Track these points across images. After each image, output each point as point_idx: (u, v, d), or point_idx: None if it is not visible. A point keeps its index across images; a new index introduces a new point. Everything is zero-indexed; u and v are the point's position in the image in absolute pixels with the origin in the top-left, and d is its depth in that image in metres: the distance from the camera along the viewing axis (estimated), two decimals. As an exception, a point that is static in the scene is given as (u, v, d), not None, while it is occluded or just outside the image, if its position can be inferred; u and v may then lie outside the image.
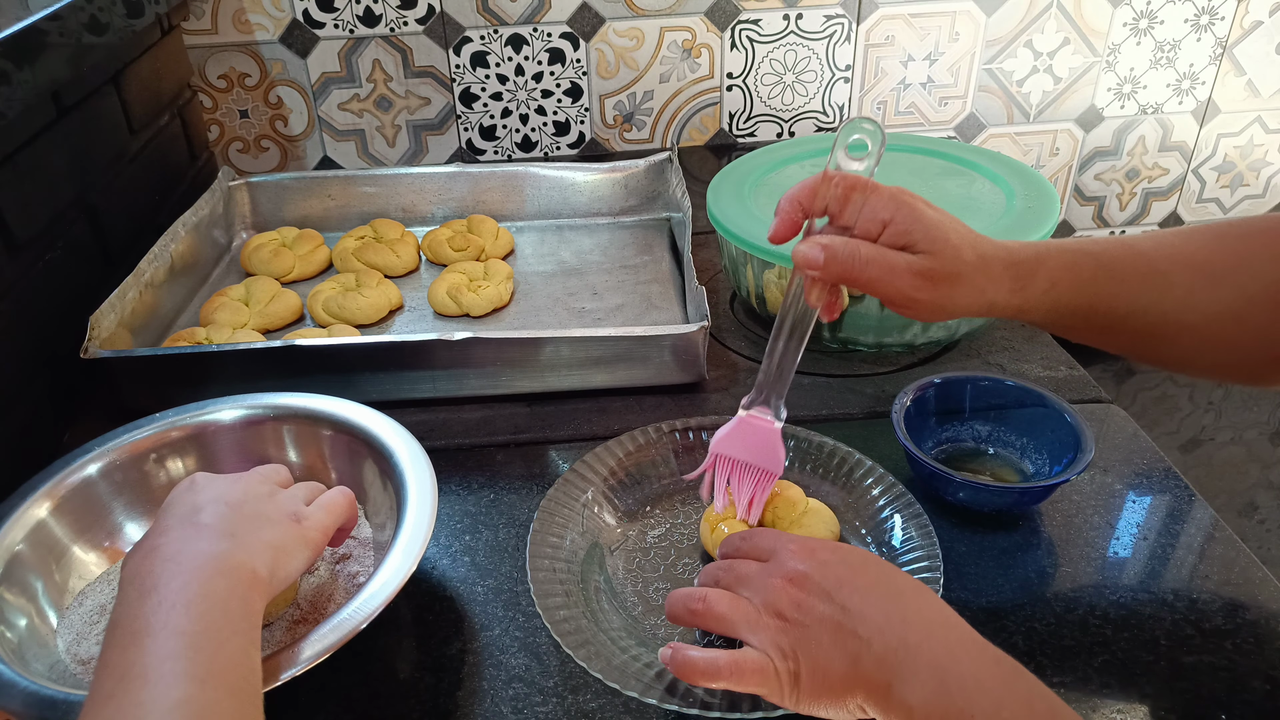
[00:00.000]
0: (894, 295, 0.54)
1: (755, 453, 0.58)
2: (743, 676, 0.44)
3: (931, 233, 0.54)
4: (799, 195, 0.55)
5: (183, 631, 0.40)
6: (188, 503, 0.49)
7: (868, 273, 0.53)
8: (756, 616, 0.46)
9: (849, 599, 0.45)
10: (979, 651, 0.43)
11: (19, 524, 0.57)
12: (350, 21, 1.13)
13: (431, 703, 0.53)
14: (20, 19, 0.71)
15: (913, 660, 0.42)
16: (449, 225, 1.01)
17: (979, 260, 0.55)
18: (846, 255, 0.53)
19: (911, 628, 0.43)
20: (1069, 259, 0.56)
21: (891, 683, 0.42)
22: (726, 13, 1.17)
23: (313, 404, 0.65)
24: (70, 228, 0.82)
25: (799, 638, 0.44)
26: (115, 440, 0.63)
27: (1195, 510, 0.64)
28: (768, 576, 0.47)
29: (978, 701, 0.41)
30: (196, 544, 0.46)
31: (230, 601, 0.43)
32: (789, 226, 0.55)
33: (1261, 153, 1.33)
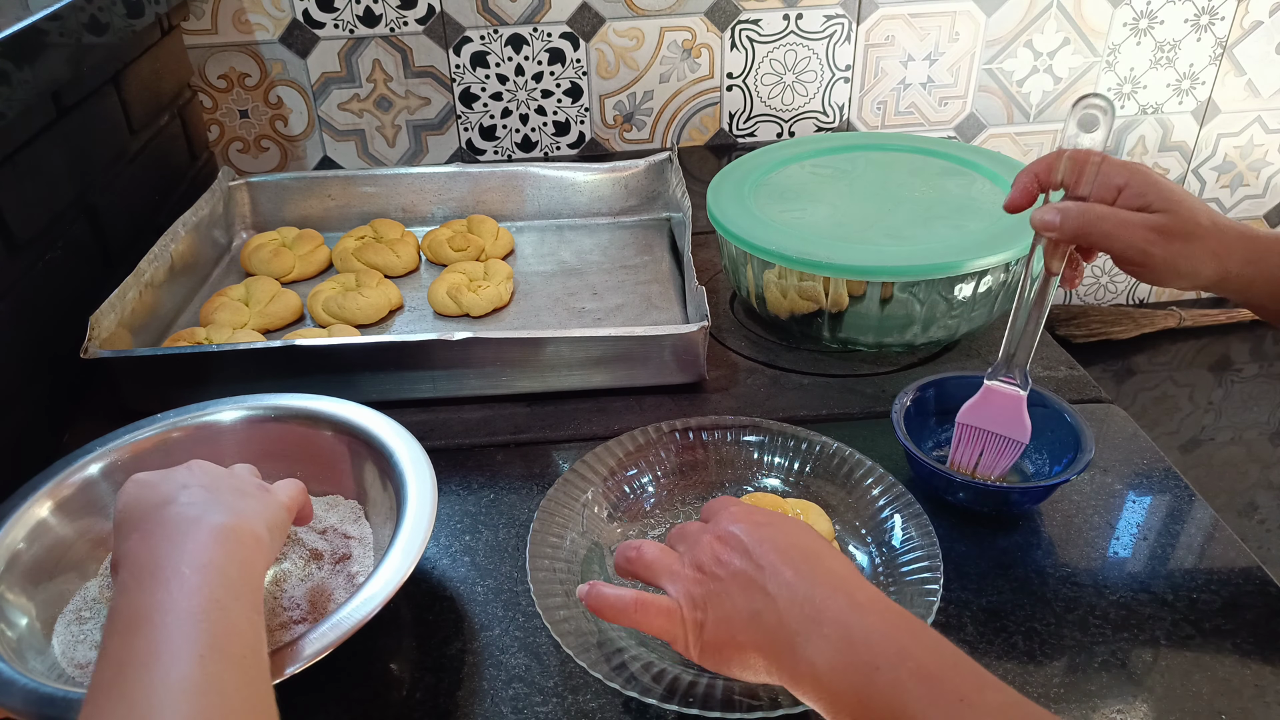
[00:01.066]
0: (1127, 249, 0.56)
1: (1001, 422, 0.61)
2: (648, 615, 0.46)
3: (1167, 194, 0.56)
4: (1036, 168, 0.58)
5: (183, 609, 0.40)
6: (158, 494, 0.47)
7: (1102, 226, 0.56)
8: (679, 567, 0.47)
9: (765, 556, 0.45)
10: (885, 607, 0.43)
11: (20, 523, 0.57)
12: (350, 21, 1.13)
13: (431, 703, 0.53)
14: (20, 19, 0.71)
15: (818, 615, 0.42)
16: (449, 225, 1.01)
17: (1214, 226, 0.57)
18: (1080, 212, 0.56)
19: (820, 585, 0.43)
20: None
21: (794, 640, 0.42)
22: (726, 13, 1.17)
23: (313, 404, 0.65)
24: (70, 228, 0.82)
25: (712, 590, 0.45)
26: (117, 440, 0.63)
27: (1195, 510, 0.64)
28: (701, 533, 0.49)
29: (882, 652, 0.40)
30: (189, 517, 0.45)
31: (229, 568, 0.43)
32: (1026, 196, 0.59)
33: (1261, 153, 1.33)
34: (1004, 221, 0.78)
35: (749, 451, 0.68)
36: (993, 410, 0.62)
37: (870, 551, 0.60)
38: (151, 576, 0.41)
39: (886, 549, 0.59)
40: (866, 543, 0.61)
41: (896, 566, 0.57)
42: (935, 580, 0.55)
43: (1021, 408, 0.61)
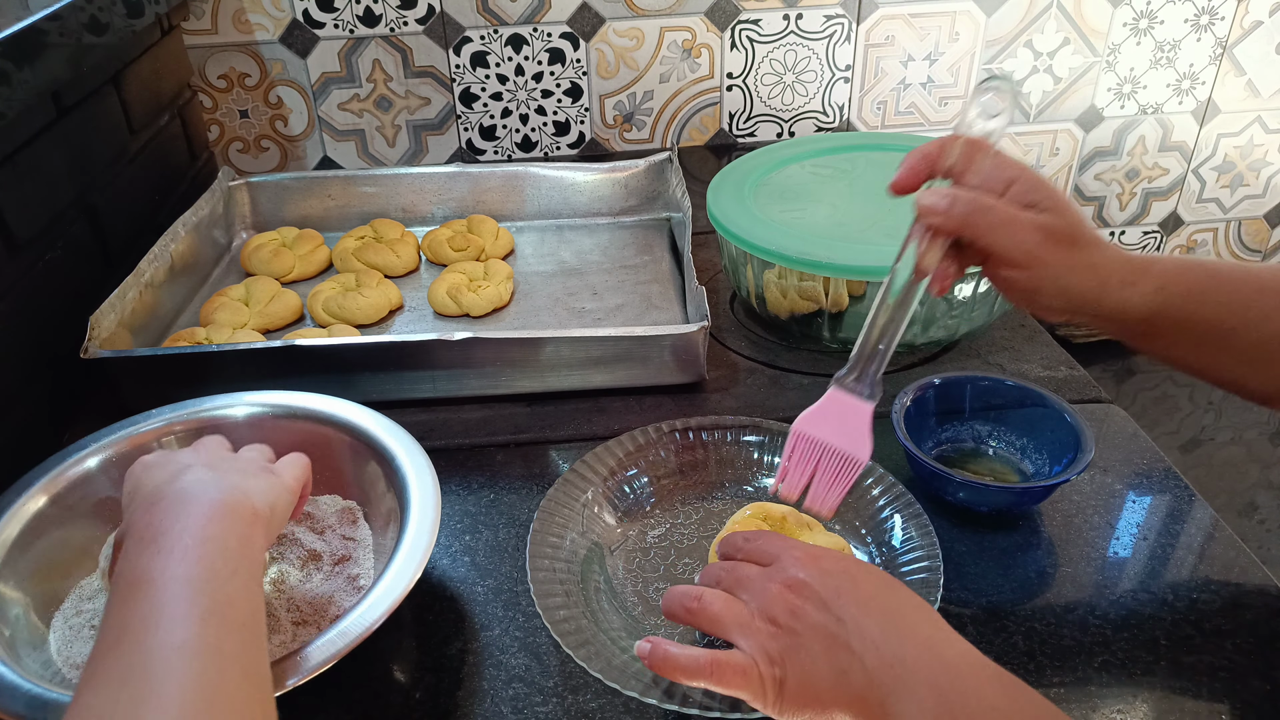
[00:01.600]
0: (1012, 249, 0.52)
1: (842, 435, 0.54)
2: (724, 677, 0.44)
3: (1056, 196, 0.53)
4: (928, 149, 0.54)
5: (182, 577, 0.40)
6: (164, 473, 0.48)
7: (991, 218, 0.52)
8: (749, 619, 0.45)
9: (845, 610, 0.43)
10: (980, 668, 0.42)
11: (16, 517, 0.57)
12: (350, 21, 1.13)
13: (432, 703, 0.53)
14: (20, 19, 0.71)
15: (910, 678, 0.41)
16: (449, 225, 1.01)
17: (1095, 237, 0.54)
18: (970, 199, 0.52)
19: (909, 643, 0.42)
20: (1181, 264, 0.55)
21: (886, 701, 0.41)
22: (726, 13, 1.17)
23: (316, 404, 0.65)
24: (70, 228, 0.82)
25: (789, 645, 0.43)
26: (114, 435, 0.63)
27: (1195, 510, 0.64)
28: (767, 581, 0.46)
29: (981, 717, 0.39)
30: (192, 493, 0.45)
31: (229, 540, 0.43)
32: (913, 176, 0.54)
33: (1261, 153, 1.33)
34: (1004, 221, 0.78)
35: (749, 451, 0.68)
36: (835, 421, 0.55)
37: (870, 551, 0.60)
38: (152, 544, 0.42)
39: (886, 549, 0.59)
40: (866, 543, 0.61)
41: (896, 566, 0.57)
42: (935, 580, 0.55)
43: (866, 421, 0.54)
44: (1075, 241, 0.53)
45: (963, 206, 0.52)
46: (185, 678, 0.37)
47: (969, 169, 0.53)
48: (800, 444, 0.55)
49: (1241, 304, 0.54)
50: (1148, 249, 1.40)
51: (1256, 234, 1.41)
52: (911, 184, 0.54)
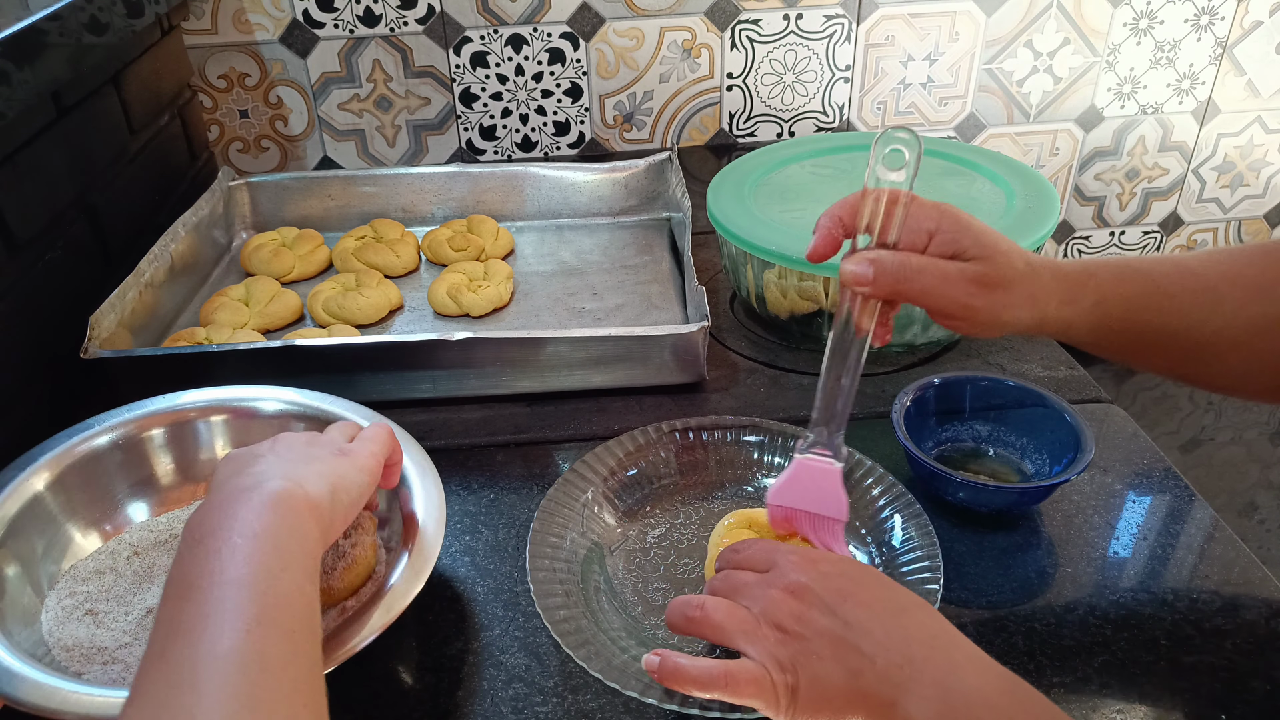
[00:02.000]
0: (948, 305, 0.52)
1: (815, 500, 0.55)
2: (737, 687, 0.43)
3: (981, 239, 0.52)
4: (839, 211, 0.53)
5: (232, 578, 0.39)
6: (234, 467, 0.48)
7: (921, 282, 0.51)
8: (755, 627, 0.45)
9: (851, 613, 0.44)
10: (984, 666, 0.42)
11: (14, 496, 0.57)
12: (350, 21, 1.13)
13: (431, 703, 0.53)
14: (20, 19, 0.71)
15: (917, 676, 0.41)
16: (449, 225, 1.01)
17: (1029, 269, 0.53)
18: (896, 266, 0.51)
19: (915, 643, 0.43)
20: (1117, 273, 0.55)
21: (896, 700, 0.41)
22: (726, 13, 1.17)
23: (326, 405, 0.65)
24: (70, 228, 0.82)
25: (798, 651, 0.43)
26: (118, 417, 0.63)
27: (1195, 510, 0.64)
28: (767, 587, 0.46)
29: (985, 716, 0.40)
30: (245, 487, 0.44)
31: (281, 534, 0.42)
32: (829, 243, 0.53)
33: (1261, 153, 1.33)
34: (1003, 221, 0.78)
35: (749, 451, 0.68)
36: (806, 488, 0.55)
37: (870, 551, 0.60)
38: (202, 544, 0.41)
39: (886, 549, 0.59)
40: (866, 543, 0.61)
41: (896, 566, 0.57)
42: (935, 580, 0.55)
43: (838, 483, 0.54)
44: (1008, 283, 0.53)
45: (888, 276, 0.51)
46: (229, 690, 0.36)
47: (887, 225, 0.53)
48: (779, 515, 0.56)
49: (1181, 307, 0.55)
50: (1147, 249, 1.40)
51: (1256, 234, 1.41)
52: (829, 250, 0.54)
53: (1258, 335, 0.54)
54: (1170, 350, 0.56)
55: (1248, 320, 0.54)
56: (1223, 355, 0.55)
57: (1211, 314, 0.54)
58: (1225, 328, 0.54)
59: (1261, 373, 0.56)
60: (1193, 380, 0.58)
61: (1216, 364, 0.56)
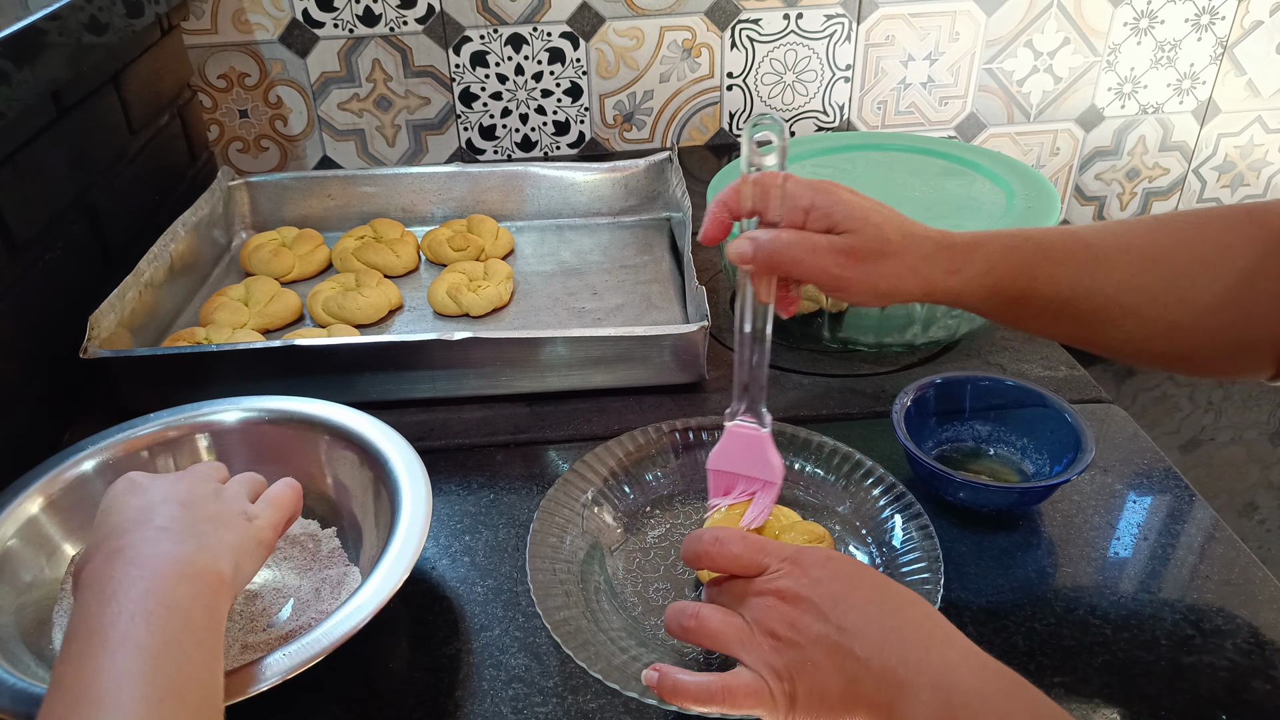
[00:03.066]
0: (820, 275, 0.55)
1: (749, 464, 0.57)
2: (736, 700, 0.44)
3: (852, 212, 0.55)
4: (724, 196, 0.57)
5: (141, 647, 0.39)
6: (136, 505, 0.47)
7: (791, 253, 0.54)
8: (749, 635, 0.45)
9: (844, 617, 0.43)
10: (980, 665, 0.42)
11: (10, 519, 0.57)
12: (350, 21, 1.13)
13: (431, 703, 0.53)
14: (20, 19, 0.71)
15: (914, 678, 0.41)
16: (449, 225, 1.01)
17: (905, 239, 0.56)
18: (768, 241, 0.55)
19: (910, 645, 0.42)
20: (1008, 242, 0.57)
21: (893, 702, 0.41)
22: (726, 12, 1.17)
23: (309, 408, 0.65)
24: (70, 228, 0.82)
25: (794, 659, 0.43)
26: (110, 439, 0.63)
27: (1195, 510, 0.64)
28: (759, 594, 0.46)
29: (983, 716, 0.40)
30: (159, 545, 0.44)
31: (194, 610, 0.42)
32: (718, 227, 0.57)
33: (1261, 153, 1.33)
34: (1003, 222, 0.78)
35: (749, 451, 0.67)
36: (738, 453, 0.58)
37: (870, 551, 0.60)
38: (113, 600, 0.40)
39: (886, 549, 0.59)
40: (866, 543, 0.61)
41: (896, 566, 0.57)
42: (935, 580, 0.55)
43: (766, 447, 0.57)
44: (882, 253, 0.55)
45: (764, 251, 0.55)
46: None
47: (766, 206, 0.56)
48: (718, 479, 0.59)
49: (1071, 275, 0.56)
50: (1148, 249, 1.40)
51: (1257, 234, 1.40)
52: (718, 234, 0.57)
53: (1150, 303, 0.55)
54: (1061, 317, 0.57)
55: (1139, 288, 0.55)
56: (1116, 321, 0.56)
57: (1103, 282, 0.56)
58: (1116, 295, 0.56)
59: (1157, 338, 0.56)
60: (1089, 345, 0.60)
61: (1111, 329, 0.57)
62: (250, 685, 0.46)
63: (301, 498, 0.56)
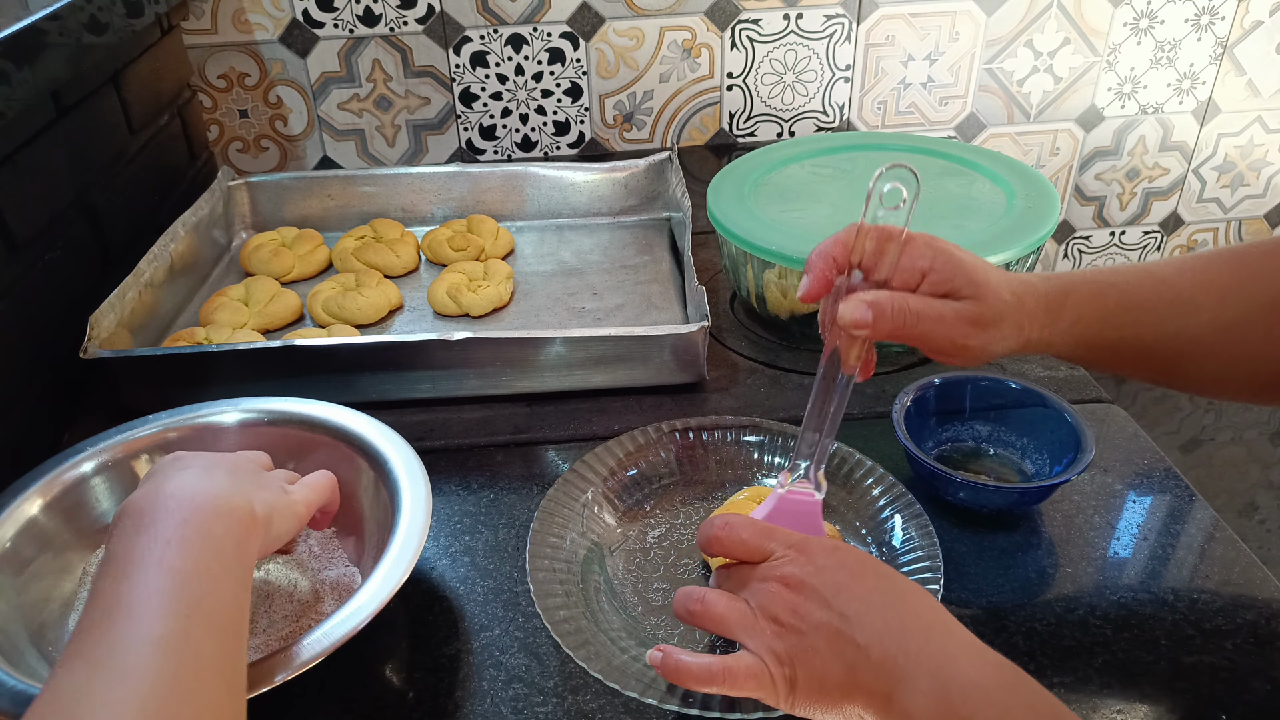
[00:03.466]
0: (944, 345, 0.53)
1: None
2: (736, 681, 0.44)
3: (973, 277, 0.53)
4: (831, 250, 0.53)
5: (174, 569, 0.41)
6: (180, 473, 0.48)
7: (920, 327, 0.52)
8: (753, 620, 0.45)
9: (847, 605, 0.44)
10: (979, 657, 0.43)
11: (10, 520, 0.57)
12: (350, 21, 1.13)
13: (431, 703, 0.53)
14: (20, 19, 0.71)
15: (913, 667, 0.42)
16: (449, 225, 1.01)
17: (1016, 299, 0.54)
18: (896, 310, 0.52)
19: (911, 634, 0.43)
20: (1093, 290, 0.56)
21: (892, 691, 0.42)
22: (726, 12, 1.17)
23: (309, 409, 0.65)
24: (70, 228, 0.82)
25: (795, 644, 0.44)
26: (109, 440, 0.63)
27: (1195, 510, 0.64)
28: (764, 580, 0.47)
29: (981, 708, 0.40)
30: (198, 484, 0.46)
31: (225, 541, 0.44)
32: (822, 284, 0.53)
33: (1262, 153, 1.33)
34: (1003, 221, 0.78)
35: (749, 451, 0.68)
36: (787, 523, 0.53)
37: (870, 551, 0.60)
38: (150, 528, 0.42)
39: (886, 549, 0.59)
40: (867, 543, 0.61)
41: (897, 566, 0.57)
42: (935, 580, 0.55)
43: (817, 516, 0.54)
44: (999, 319, 0.54)
45: (887, 321, 0.52)
46: (160, 672, 0.37)
47: (880, 262, 0.53)
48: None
49: (1155, 319, 0.56)
50: (1148, 249, 1.40)
51: (1257, 234, 1.41)
52: (822, 290, 0.53)
53: (1230, 339, 0.55)
54: (1147, 360, 0.57)
55: (1221, 325, 0.55)
56: (1199, 361, 0.56)
57: (1186, 322, 0.55)
58: (1200, 335, 0.55)
59: (1236, 375, 0.57)
60: (1171, 384, 0.59)
61: (1193, 369, 0.57)
62: (251, 687, 0.46)
63: (337, 489, 0.57)
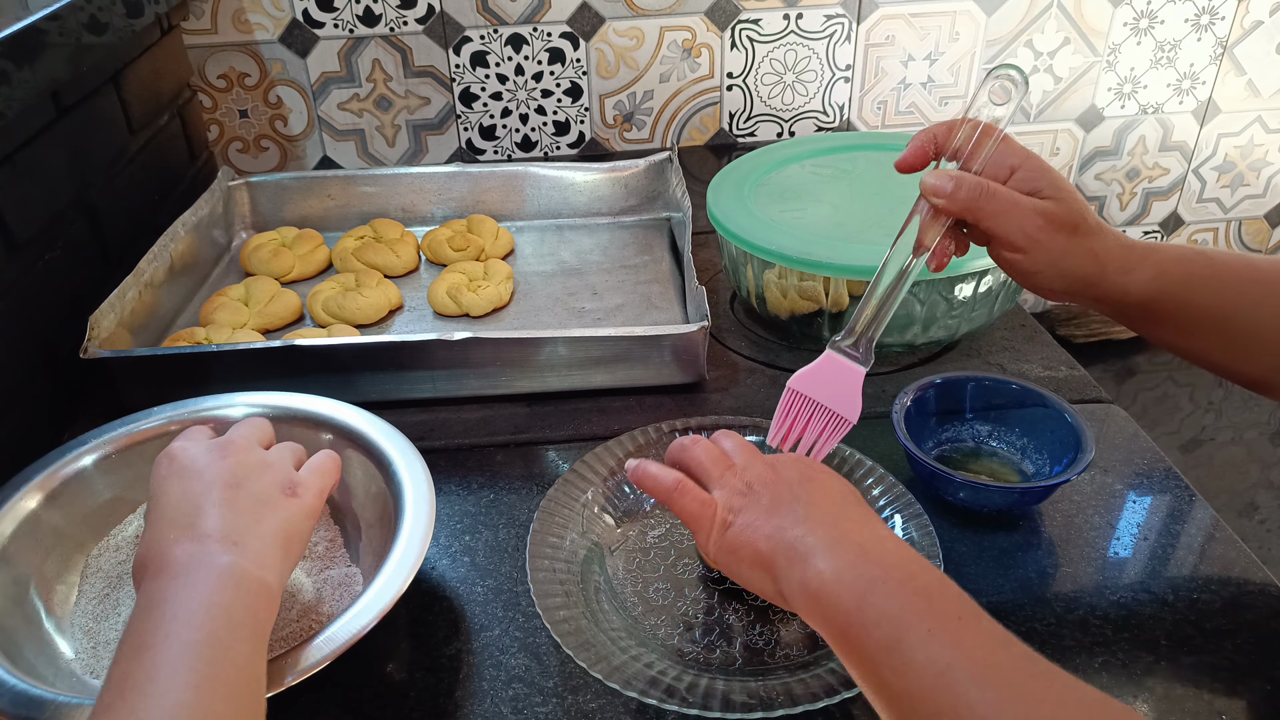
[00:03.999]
0: (1015, 233, 0.54)
1: (834, 396, 0.57)
2: (684, 498, 0.50)
3: (1059, 183, 0.54)
4: (935, 129, 0.56)
5: (186, 641, 0.41)
6: (184, 495, 0.49)
7: (995, 204, 0.54)
8: (728, 473, 0.51)
9: (811, 493, 0.48)
10: (902, 547, 0.46)
11: (10, 515, 0.57)
12: (350, 21, 1.13)
13: (431, 703, 0.53)
14: (20, 19, 0.71)
15: (840, 538, 0.45)
16: (449, 225, 1.01)
17: (1098, 225, 0.55)
18: (975, 184, 0.54)
19: (849, 521, 0.47)
20: (1180, 253, 0.56)
21: (810, 555, 0.45)
22: (726, 12, 1.17)
23: (313, 406, 0.65)
24: (70, 228, 0.82)
25: (749, 502, 0.49)
26: (111, 433, 0.63)
27: (1195, 510, 0.64)
28: (750, 455, 0.53)
29: (892, 568, 0.43)
30: (204, 556, 0.46)
31: (236, 611, 0.44)
32: (919, 156, 0.56)
33: (1262, 153, 1.33)
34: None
35: (749, 451, 0.67)
36: (828, 382, 0.57)
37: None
38: (159, 609, 0.43)
39: (886, 549, 0.59)
40: (866, 543, 0.61)
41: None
42: (935, 580, 0.55)
43: (857, 384, 0.57)
44: (1076, 228, 0.54)
45: (966, 191, 0.54)
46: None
47: (975, 153, 0.55)
48: (794, 401, 0.58)
49: (1235, 292, 0.56)
50: (1148, 249, 1.40)
51: (1257, 234, 1.41)
52: (917, 163, 0.56)
53: None
54: (1218, 335, 0.56)
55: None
56: (1268, 346, 0.56)
57: (1261, 303, 0.55)
58: (1272, 320, 0.55)
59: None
60: (1231, 371, 0.58)
61: (1261, 354, 0.56)
62: None
63: (340, 468, 0.57)
